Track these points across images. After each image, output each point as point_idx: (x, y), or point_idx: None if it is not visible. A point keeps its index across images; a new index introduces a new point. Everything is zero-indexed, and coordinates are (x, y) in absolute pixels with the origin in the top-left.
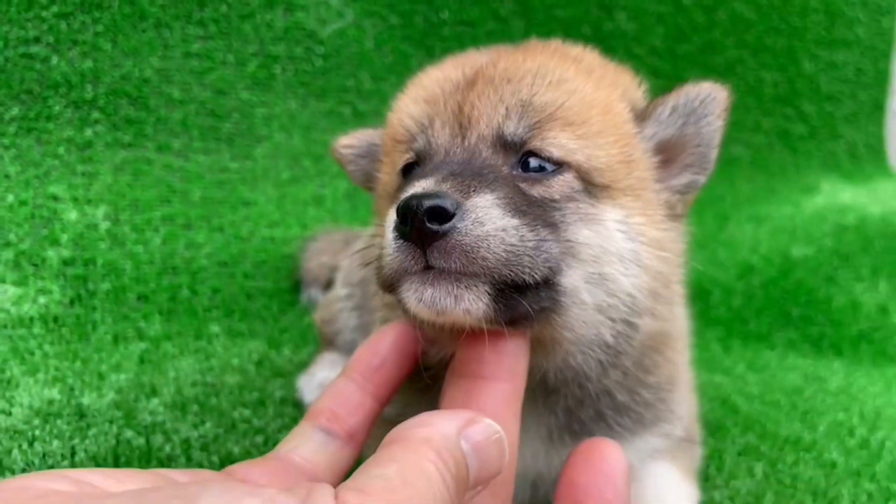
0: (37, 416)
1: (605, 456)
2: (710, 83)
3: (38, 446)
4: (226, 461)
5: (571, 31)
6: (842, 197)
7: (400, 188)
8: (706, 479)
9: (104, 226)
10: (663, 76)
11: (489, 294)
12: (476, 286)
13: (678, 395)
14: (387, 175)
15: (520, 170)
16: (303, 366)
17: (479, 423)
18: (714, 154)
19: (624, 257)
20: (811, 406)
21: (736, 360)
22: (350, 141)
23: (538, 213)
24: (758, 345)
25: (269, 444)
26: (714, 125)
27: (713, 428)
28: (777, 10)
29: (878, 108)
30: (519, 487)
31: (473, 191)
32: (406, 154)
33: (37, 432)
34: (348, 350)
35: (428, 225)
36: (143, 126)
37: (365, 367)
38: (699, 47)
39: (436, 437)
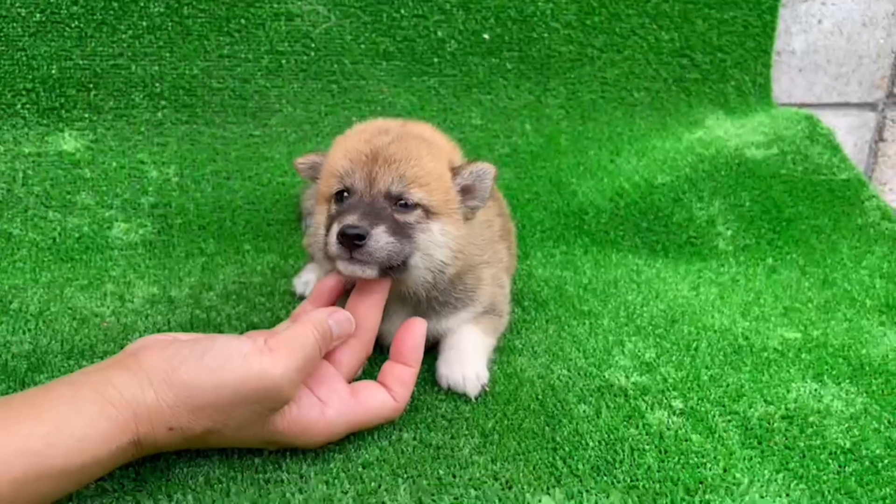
0: (147, 302)
1: (412, 325)
2: (489, 164)
3: (149, 319)
4: (250, 327)
5: (501, 15)
6: (717, 131)
7: (336, 201)
8: (516, 333)
9: (175, 180)
10: (576, 43)
11: (377, 269)
12: (373, 267)
13: (480, 292)
14: (325, 187)
15: (397, 206)
16: (299, 270)
17: (339, 312)
18: (486, 195)
19: (440, 246)
20: (618, 291)
21: (587, 261)
22: (303, 160)
23: (403, 231)
24: (609, 249)
25: (275, 318)
26: (487, 184)
27: (539, 305)
28: None
29: (766, 52)
30: (389, 342)
31: (375, 225)
32: (338, 184)
33: (148, 311)
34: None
35: (354, 242)
36: (195, 108)
37: (317, 296)
38: (606, 18)
39: (314, 317)
